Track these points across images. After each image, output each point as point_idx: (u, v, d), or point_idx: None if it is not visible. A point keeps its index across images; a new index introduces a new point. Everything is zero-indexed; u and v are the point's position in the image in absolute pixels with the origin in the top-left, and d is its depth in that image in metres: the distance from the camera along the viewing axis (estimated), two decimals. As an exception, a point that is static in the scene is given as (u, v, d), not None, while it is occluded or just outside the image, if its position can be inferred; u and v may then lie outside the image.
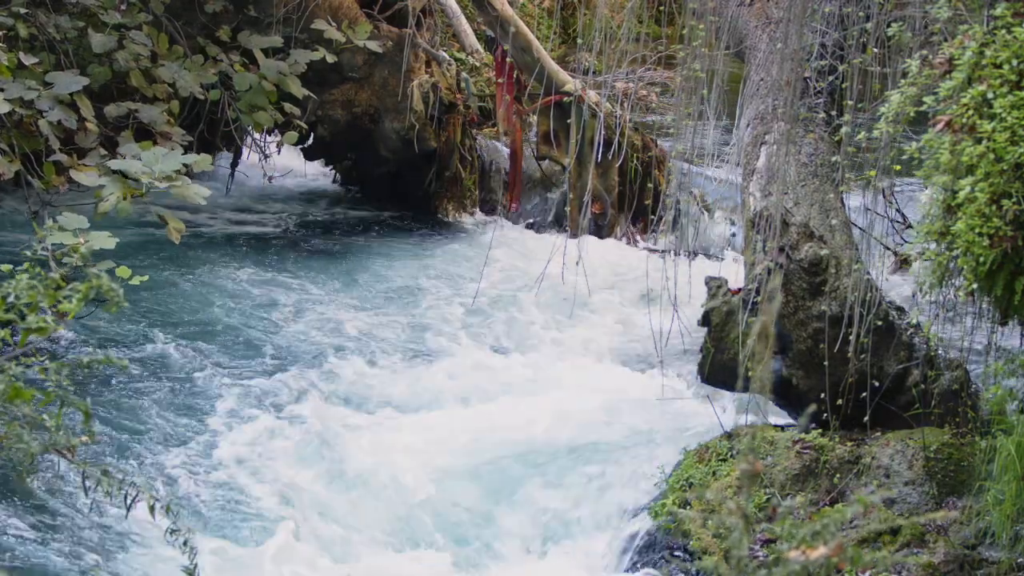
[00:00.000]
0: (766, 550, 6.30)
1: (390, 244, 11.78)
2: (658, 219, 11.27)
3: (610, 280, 10.91)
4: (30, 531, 6.62)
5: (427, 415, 8.61)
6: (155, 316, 9.48)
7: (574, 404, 8.76)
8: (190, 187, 7.90)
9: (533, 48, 11.78)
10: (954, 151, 5.90)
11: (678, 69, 8.94)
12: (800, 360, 7.36)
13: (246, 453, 7.85)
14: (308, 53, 11.24)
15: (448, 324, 9.99)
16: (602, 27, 8.40)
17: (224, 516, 7.26)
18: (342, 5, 11.68)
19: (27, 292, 3.73)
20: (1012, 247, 5.80)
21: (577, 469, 7.88)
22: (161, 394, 8.34)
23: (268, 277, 10.55)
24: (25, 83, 9.09)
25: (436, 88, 12.03)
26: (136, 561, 6.63)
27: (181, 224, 8.45)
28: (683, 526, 6.99)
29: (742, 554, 2.61)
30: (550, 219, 12.39)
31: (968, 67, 5.91)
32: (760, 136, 7.89)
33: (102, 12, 10.39)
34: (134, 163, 7.93)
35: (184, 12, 11.16)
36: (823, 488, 7.04)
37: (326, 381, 8.83)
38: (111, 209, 8.09)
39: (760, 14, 8.65)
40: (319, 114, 11.83)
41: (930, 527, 6.63)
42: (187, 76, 10.55)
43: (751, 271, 7.51)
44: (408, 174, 12.46)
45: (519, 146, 12.22)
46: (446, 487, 7.80)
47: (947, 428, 7.04)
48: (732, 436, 7.50)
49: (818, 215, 7.37)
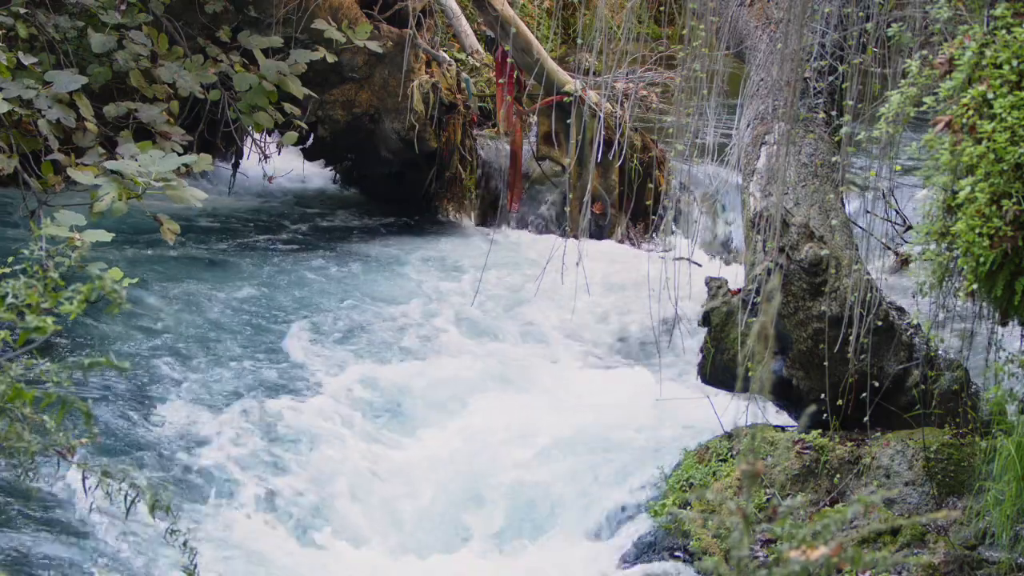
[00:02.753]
0: (766, 550, 6.30)
1: (390, 244, 11.78)
2: (658, 219, 11.27)
3: (610, 280, 10.91)
4: (30, 531, 6.62)
5: (426, 414, 8.61)
6: (155, 316, 9.48)
7: (573, 403, 8.76)
8: (186, 190, 7.89)
9: (533, 48, 11.78)
10: (954, 151, 5.90)
11: (678, 69, 8.93)
12: (800, 360, 7.36)
13: (246, 452, 7.85)
14: (308, 53, 11.24)
15: (448, 324, 9.98)
16: (602, 27, 8.40)
17: (224, 515, 7.26)
18: (342, 5, 11.68)
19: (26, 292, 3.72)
20: (1012, 247, 5.79)
21: (576, 468, 7.88)
22: (161, 394, 8.33)
23: (268, 278, 10.54)
24: (24, 83, 9.09)
25: (436, 88, 12.03)
26: (136, 561, 6.63)
27: (176, 226, 8.44)
28: (683, 526, 6.99)
29: (743, 554, 2.61)
30: (550, 219, 12.39)
31: (968, 67, 5.91)
32: (760, 136, 7.89)
33: (102, 12, 10.38)
34: (130, 164, 7.92)
35: (184, 12, 11.16)
36: (823, 488, 7.04)
37: (325, 381, 8.82)
38: (106, 209, 8.09)
39: (760, 14, 8.65)
40: (319, 114, 11.83)
41: (930, 527, 6.63)
42: (187, 76, 10.55)
43: (751, 271, 7.51)
44: (408, 175, 12.46)
45: (519, 146, 12.22)
46: (443, 485, 7.80)
47: (947, 428, 7.04)
48: (732, 436, 7.50)
49: (818, 215, 7.37)
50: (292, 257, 11.16)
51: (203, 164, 8.50)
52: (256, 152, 12.23)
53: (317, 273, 10.80)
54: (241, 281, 10.37)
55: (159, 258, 10.50)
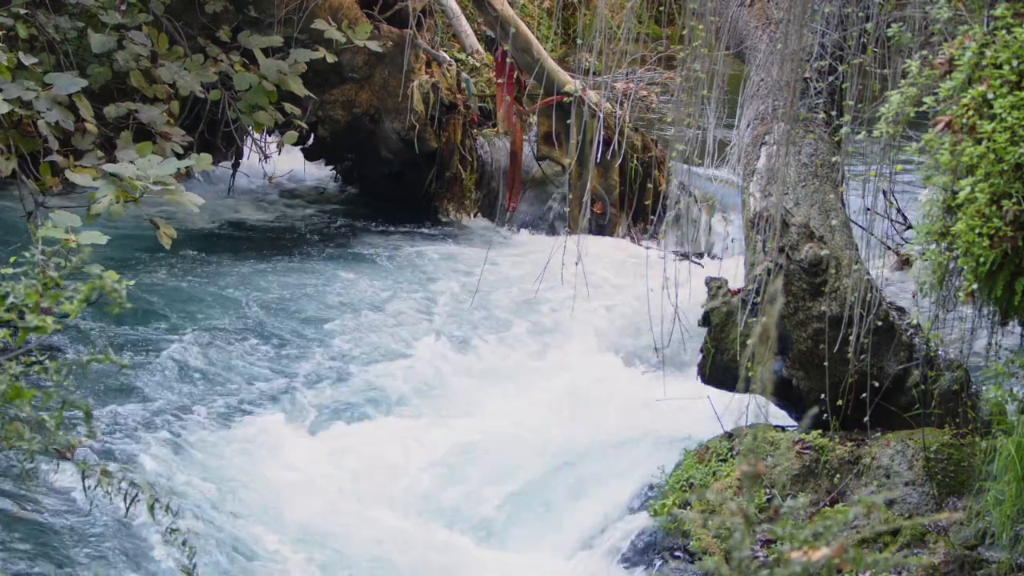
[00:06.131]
0: (767, 551, 6.29)
1: (390, 244, 11.77)
2: (658, 219, 11.27)
3: (610, 280, 10.91)
4: (30, 531, 6.62)
5: (426, 413, 8.61)
6: (154, 317, 9.48)
7: (573, 403, 8.76)
8: (184, 194, 7.88)
9: (533, 48, 11.78)
10: (954, 151, 5.90)
11: (678, 69, 8.93)
12: (800, 361, 7.35)
13: (246, 451, 7.85)
14: (308, 53, 11.24)
15: (448, 324, 9.99)
16: (602, 27, 8.39)
17: (225, 515, 7.26)
18: (342, 5, 11.68)
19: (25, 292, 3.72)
20: (1012, 247, 5.79)
21: (576, 468, 7.88)
22: (160, 394, 8.33)
23: (267, 278, 10.54)
24: (24, 84, 9.08)
25: (436, 88, 12.03)
26: (136, 561, 6.62)
27: (172, 230, 8.44)
28: (683, 527, 6.99)
29: (743, 555, 2.61)
30: (550, 219, 12.39)
31: (968, 67, 5.90)
32: (760, 136, 7.88)
33: (102, 12, 10.38)
34: (128, 167, 7.91)
35: (184, 12, 11.16)
36: (823, 488, 7.04)
37: (325, 380, 8.83)
38: (103, 211, 8.08)
39: (760, 15, 8.64)
40: (319, 114, 11.83)
41: (930, 528, 6.63)
42: (187, 76, 10.55)
43: (751, 271, 7.50)
44: (408, 174, 12.47)
45: (519, 146, 12.22)
46: (443, 485, 7.81)
47: (947, 429, 7.04)
48: (732, 436, 7.50)
49: (818, 215, 7.36)
50: (291, 257, 11.16)
51: (203, 164, 8.49)
52: (256, 152, 12.24)
53: (316, 273, 10.80)
54: (240, 281, 10.36)
55: (159, 259, 10.49)
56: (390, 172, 12.54)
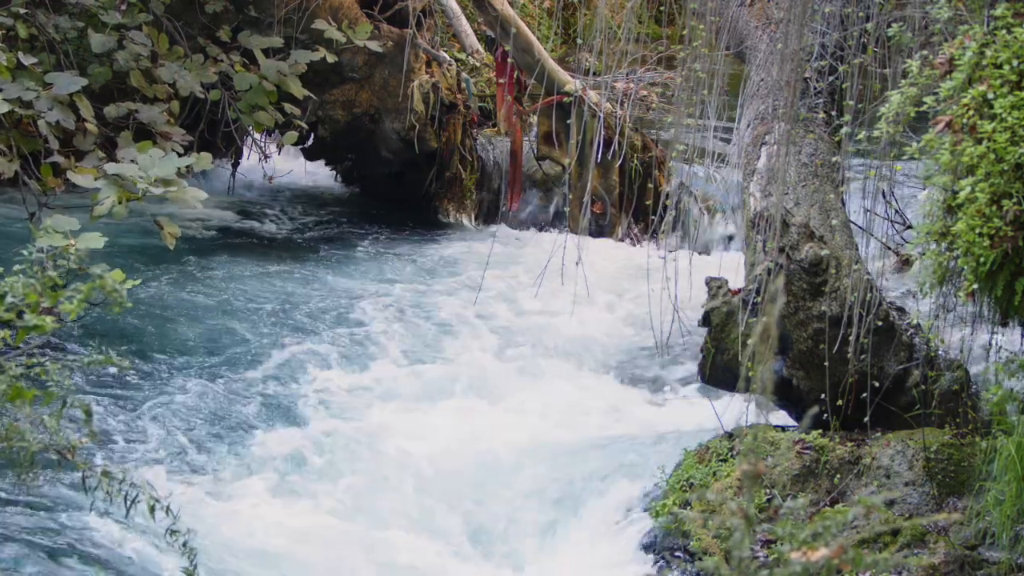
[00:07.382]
0: (767, 551, 6.30)
1: (390, 244, 11.78)
2: (658, 219, 11.26)
3: (610, 280, 10.91)
4: (30, 532, 6.62)
5: (427, 413, 8.61)
6: (154, 317, 9.48)
7: (573, 403, 8.76)
8: (187, 191, 7.88)
9: (534, 48, 11.78)
10: (954, 151, 5.90)
11: (678, 69, 8.93)
12: (800, 360, 7.35)
13: (246, 450, 7.85)
14: (308, 53, 11.24)
15: (449, 323, 9.99)
16: (602, 27, 8.39)
17: (224, 515, 7.26)
18: (342, 5, 11.68)
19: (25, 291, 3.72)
20: (1013, 247, 5.79)
21: (576, 468, 7.88)
22: (161, 394, 8.34)
23: (267, 278, 10.55)
24: (24, 83, 9.08)
25: (437, 88, 12.03)
26: (135, 561, 6.62)
27: (176, 229, 8.44)
28: (683, 527, 6.99)
29: (743, 555, 2.61)
30: (550, 219, 12.40)
31: (968, 67, 5.90)
32: (760, 136, 7.88)
33: (102, 12, 10.38)
34: (130, 167, 7.91)
35: (184, 12, 11.15)
36: (823, 488, 7.03)
37: (324, 380, 8.83)
38: (106, 213, 8.09)
39: (760, 15, 8.64)
40: (319, 114, 11.82)
41: (931, 528, 6.63)
42: (187, 76, 10.54)
43: (751, 271, 7.50)
44: (408, 174, 12.46)
45: (519, 146, 12.22)
46: (444, 485, 7.80)
47: (947, 429, 7.03)
48: (733, 436, 7.50)
49: (818, 215, 7.36)
50: (291, 257, 11.16)
51: (203, 163, 8.49)
52: (256, 152, 12.24)
53: (316, 273, 10.80)
54: (239, 282, 10.36)
55: (160, 259, 10.49)
56: (390, 172, 12.54)
